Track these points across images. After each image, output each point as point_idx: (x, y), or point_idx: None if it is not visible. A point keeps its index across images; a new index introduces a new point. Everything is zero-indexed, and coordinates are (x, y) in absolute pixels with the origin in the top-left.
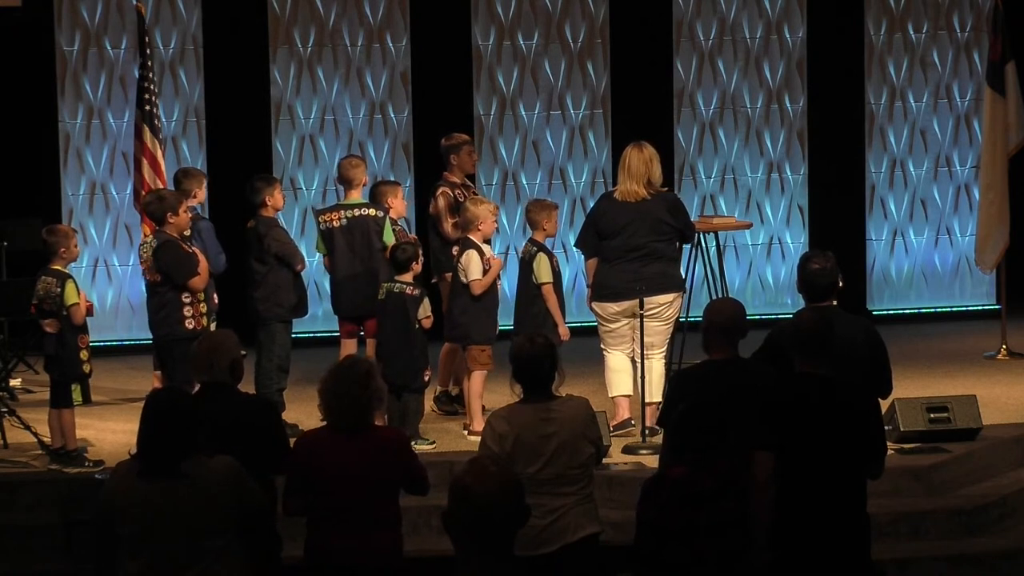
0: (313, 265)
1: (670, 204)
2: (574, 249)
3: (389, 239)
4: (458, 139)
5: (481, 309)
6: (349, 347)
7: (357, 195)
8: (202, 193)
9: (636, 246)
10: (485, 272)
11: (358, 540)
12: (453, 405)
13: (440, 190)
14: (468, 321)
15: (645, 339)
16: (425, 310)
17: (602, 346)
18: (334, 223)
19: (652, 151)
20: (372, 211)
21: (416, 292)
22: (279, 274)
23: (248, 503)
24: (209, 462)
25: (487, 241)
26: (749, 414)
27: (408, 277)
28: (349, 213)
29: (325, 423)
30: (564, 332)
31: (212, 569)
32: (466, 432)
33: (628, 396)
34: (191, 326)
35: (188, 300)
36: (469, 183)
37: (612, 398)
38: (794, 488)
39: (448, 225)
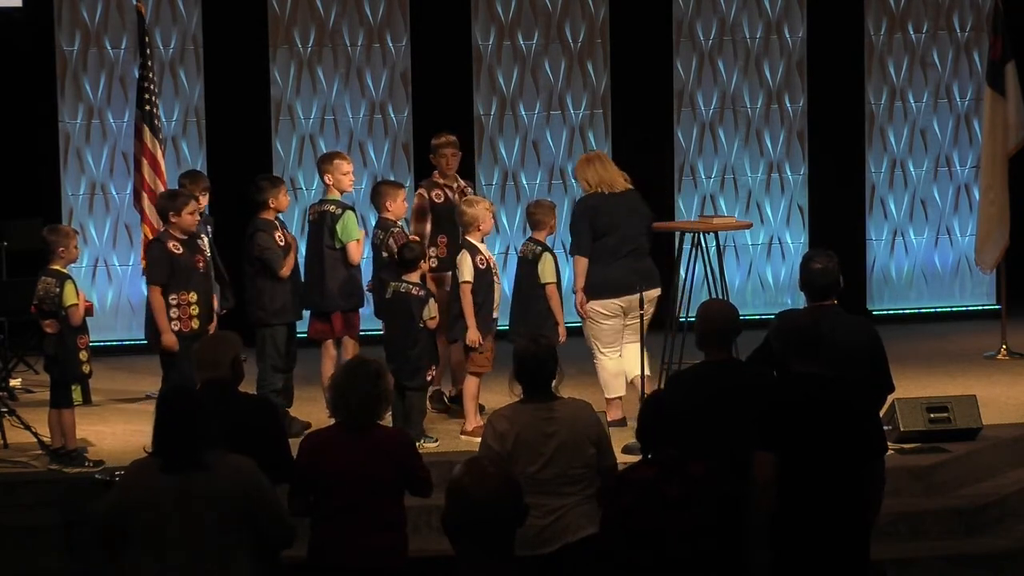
0: None
1: (640, 197)
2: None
3: (348, 237)
4: (437, 140)
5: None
6: (327, 348)
7: (334, 190)
8: (203, 199)
9: (631, 239)
10: (477, 272)
11: (362, 540)
12: (444, 403)
13: (417, 191)
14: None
15: (626, 330)
16: (431, 311)
17: (596, 350)
18: (311, 218)
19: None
20: (332, 207)
21: (422, 293)
22: (263, 278)
23: (265, 502)
24: (228, 455)
25: (483, 240)
26: (746, 415)
27: (414, 276)
28: (319, 208)
29: (332, 422)
30: (563, 333)
31: (229, 564)
32: (461, 435)
33: (621, 397)
34: (177, 328)
35: (174, 302)
36: (461, 181)
37: (608, 399)
38: (793, 488)
39: (413, 226)
